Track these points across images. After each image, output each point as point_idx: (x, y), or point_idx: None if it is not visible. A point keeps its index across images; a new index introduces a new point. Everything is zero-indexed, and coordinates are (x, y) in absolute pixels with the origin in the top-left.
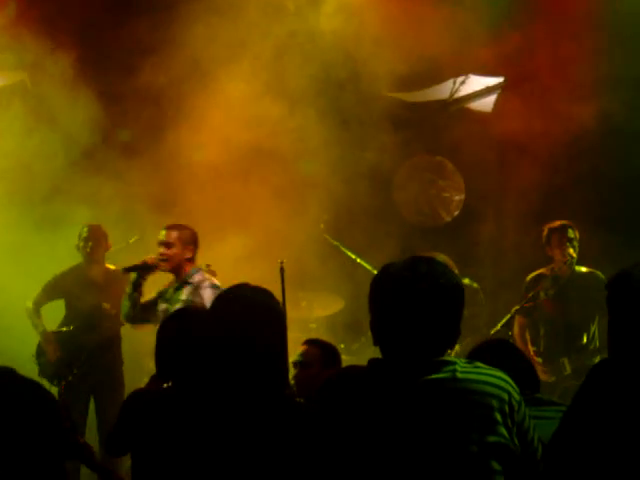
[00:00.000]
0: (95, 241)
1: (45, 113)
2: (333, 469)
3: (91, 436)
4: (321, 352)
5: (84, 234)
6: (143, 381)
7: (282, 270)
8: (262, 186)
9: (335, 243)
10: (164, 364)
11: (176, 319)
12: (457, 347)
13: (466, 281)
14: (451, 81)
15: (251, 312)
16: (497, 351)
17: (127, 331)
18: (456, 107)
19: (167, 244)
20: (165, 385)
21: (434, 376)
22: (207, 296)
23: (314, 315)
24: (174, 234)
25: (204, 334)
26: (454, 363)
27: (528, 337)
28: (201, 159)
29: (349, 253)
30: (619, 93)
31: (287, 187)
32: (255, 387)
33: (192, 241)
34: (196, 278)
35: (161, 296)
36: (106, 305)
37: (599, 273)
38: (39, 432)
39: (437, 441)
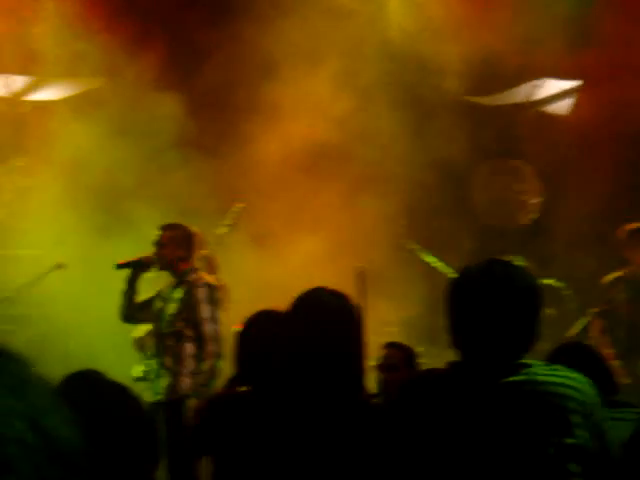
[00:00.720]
0: None
1: (122, 118)
2: (412, 470)
3: None
4: (404, 355)
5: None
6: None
7: (361, 274)
8: (336, 186)
9: (413, 247)
10: (243, 367)
11: (255, 322)
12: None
13: (551, 282)
14: (528, 84)
15: (327, 315)
16: (575, 354)
17: None
18: (533, 110)
19: (160, 244)
20: (243, 388)
21: (512, 379)
22: (200, 295)
23: (392, 318)
24: (167, 234)
25: (281, 337)
26: (532, 365)
27: (606, 339)
28: (274, 158)
29: (427, 256)
30: None
31: (361, 187)
32: (331, 390)
33: (186, 241)
34: (191, 277)
35: (159, 295)
36: None
37: None
38: (129, 437)
39: (515, 443)
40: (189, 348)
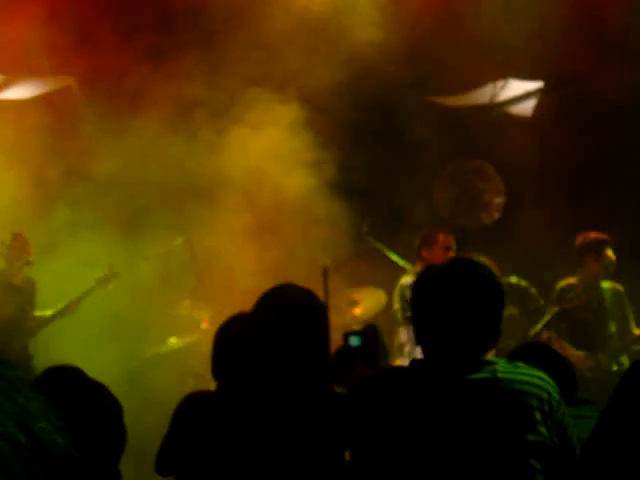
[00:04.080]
0: (17, 247)
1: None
2: (376, 467)
3: None
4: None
5: (7, 241)
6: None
7: (325, 273)
8: (299, 186)
9: (378, 245)
10: (213, 366)
11: (226, 322)
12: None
13: (513, 280)
14: (491, 85)
15: (292, 311)
16: (536, 352)
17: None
18: (497, 111)
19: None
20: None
21: (475, 376)
22: None
23: (356, 316)
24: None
25: (246, 334)
26: (495, 363)
27: (564, 338)
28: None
29: (392, 255)
30: None
31: (325, 187)
32: (296, 384)
33: None
34: None
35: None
36: (27, 308)
37: (620, 287)
38: (101, 434)
39: (477, 440)
40: None
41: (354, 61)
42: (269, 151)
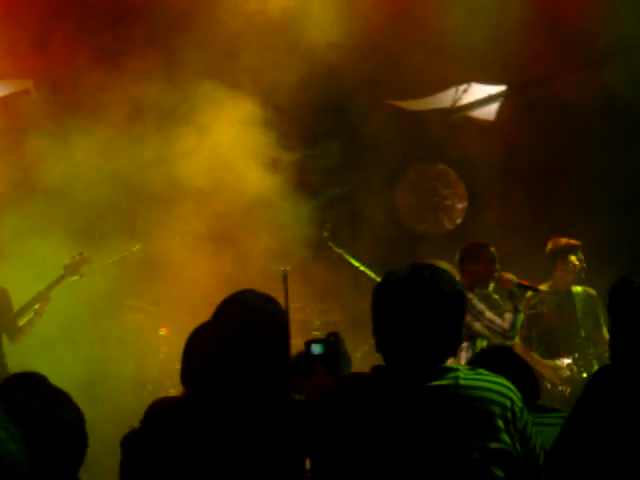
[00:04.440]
0: None
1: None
2: (335, 472)
3: None
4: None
5: None
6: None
7: (285, 277)
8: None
9: (339, 251)
10: (182, 373)
11: (197, 329)
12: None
13: None
14: (453, 89)
15: (253, 317)
16: (498, 358)
17: None
18: (459, 115)
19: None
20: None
21: (436, 383)
22: None
23: (317, 322)
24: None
25: (207, 339)
26: (457, 370)
27: (527, 344)
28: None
29: (352, 260)
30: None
31: (285, 190)
32: (257, 390)
33: None
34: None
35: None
36: None
37: (592, 290)
38: (62, 442)
39: (439, 447)
40: None
41: (313, 63)
42: (226, 153)
